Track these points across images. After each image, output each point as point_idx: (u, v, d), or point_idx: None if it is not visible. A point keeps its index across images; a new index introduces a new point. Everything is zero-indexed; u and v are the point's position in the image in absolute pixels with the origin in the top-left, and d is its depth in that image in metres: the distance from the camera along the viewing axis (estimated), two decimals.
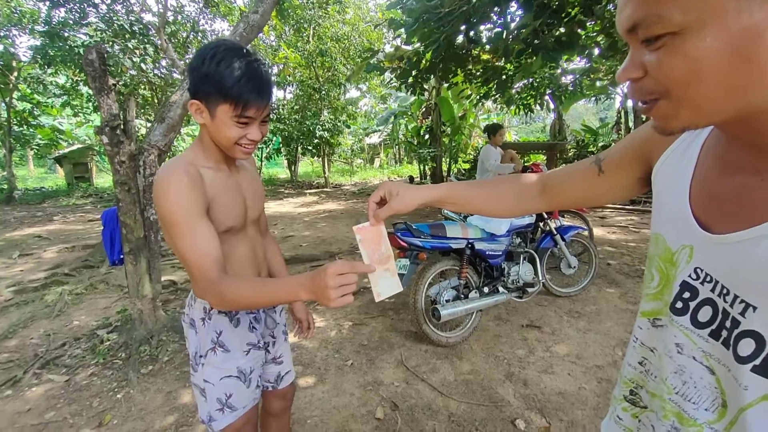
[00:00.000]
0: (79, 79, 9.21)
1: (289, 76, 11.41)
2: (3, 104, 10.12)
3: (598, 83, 8.10)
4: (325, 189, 12.39)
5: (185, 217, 0.88)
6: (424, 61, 4.42)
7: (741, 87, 0.36)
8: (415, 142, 11.85)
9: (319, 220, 7.34)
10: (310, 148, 12.21)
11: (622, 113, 10.81)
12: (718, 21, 0.34)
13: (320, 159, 13.44)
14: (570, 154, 9.51)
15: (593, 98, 9.30)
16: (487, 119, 13.69)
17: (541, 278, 2.92)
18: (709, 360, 0.47)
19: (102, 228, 2.67)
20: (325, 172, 13.20)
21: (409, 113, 12.99)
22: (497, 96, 7.20)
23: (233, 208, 1.02)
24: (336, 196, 10.72)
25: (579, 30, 3.54)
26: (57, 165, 15.34)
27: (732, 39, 0.34)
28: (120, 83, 7.88)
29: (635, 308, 3.04)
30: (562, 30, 3.53)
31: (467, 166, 10.87)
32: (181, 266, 4.49)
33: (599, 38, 4.17)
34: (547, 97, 7.96)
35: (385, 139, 18.71)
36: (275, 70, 12.00)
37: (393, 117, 14.56)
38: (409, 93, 6.01)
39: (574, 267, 3.20)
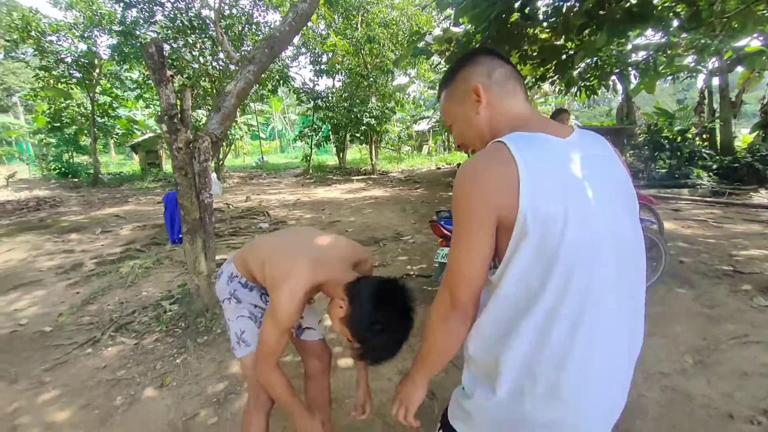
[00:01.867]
0: (149, 73, 10.03)
1: (338, 63, 11.50)
2: (88, 98, 11.32)
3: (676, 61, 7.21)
4: (372, 176, 12.47)
5: None
6: (474, 43, 4.20)
7: (477, 135, 0.86)
8: None
9: (366, 206, 7.40)
10: (357, 135, 12.31)
11: (706, 93, 9.56)
12: (459, 119, 0.89)
13: (368, 146, 13.52)
14: (640, 140, 8.62)
15: (669, 78, 8.30)
16: (543, 103, 12.86)
17: None
18: None
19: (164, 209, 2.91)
20: (372, 159, 13.27)
21: None
22: (555, 78, 6.67)
23: None
24: (382, 183, 10.75)
25: None
26: (133, 152, 16.99)
27: (465, 121, 0.87)
28: (183, 76, 8.44)
29: (712, 313, 2.70)
30: (633, 1, 3.14)
31: None
32: (236, 246, 4.77)
33: (678, 8, 3.66)
34: (614, 78, 7.24)
35: (434, 125, 18.34)
36: (324, 58, 12.17)
37: None
38: None
39: None
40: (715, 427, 1.72)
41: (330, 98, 12.30)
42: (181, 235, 2.78)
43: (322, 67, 12.02)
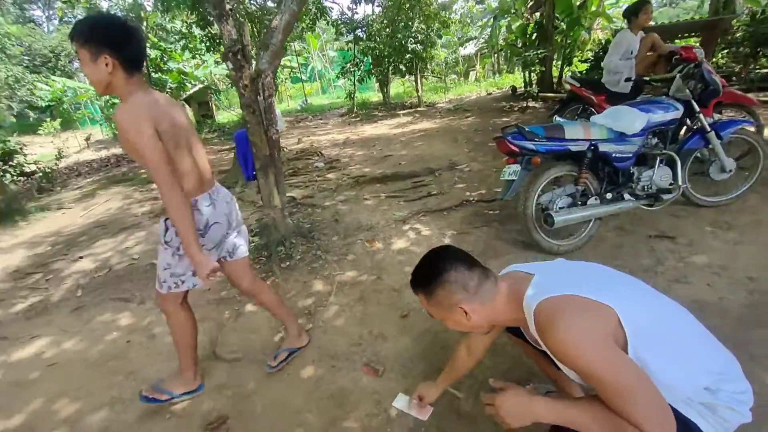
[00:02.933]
0: (192, 21, 10.00)
1: None
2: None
3: None
4: (418, 108, 12.00)
5: None
6: None
7: (474, 327, 1.07)
8: (520, 45, 10.37)
9: (415, 139, 7.27)
10: (401, 66, 11.65)
11: None
12: (449, 316, 1.04)
13: (412, 77, 12.83)
14: (738, 35, 7.24)
15: None
16: (615, 4, 11.09)
17: (681, 183, 2.49)
18: None
19: (235, 148, 3.07)
20: (418, 91, 12.66)
21: (513, 11, 11.19)
22: None
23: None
24: (430, 115, 10.34)
25: None
26: (186, 105, 17.73)
27: (454, 318, 1.03)
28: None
29: None
30: None
31: (584, 66, 9.18)
32: (297, 185, 5.03)
33: None
34: None
35: (482, 47, 16.74)
36: None
37: (492, 19, 12.75)
38: None
39: (730, 171, 2.61)
40: None
41: (371, 27, 11.58)
42: (255, 172, 2.98)
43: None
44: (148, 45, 11.71)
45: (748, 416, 0.87)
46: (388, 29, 11.19)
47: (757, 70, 7.06)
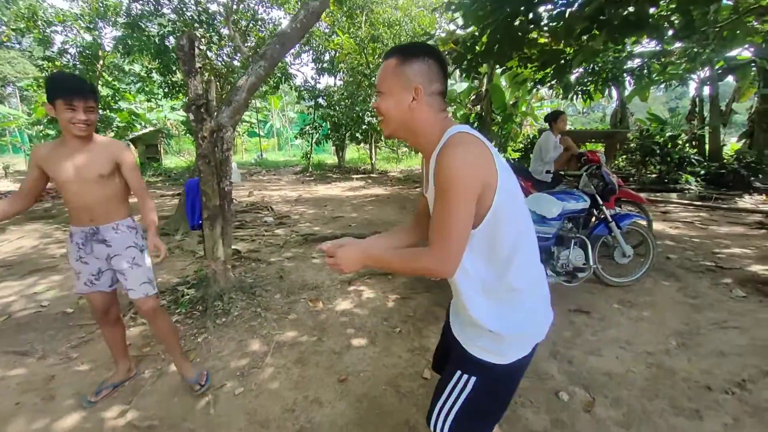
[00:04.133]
0: (152, 67, 10.06)
1: (343, 62, 11.63)
2: None
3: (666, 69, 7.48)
4: (371, 174, 12.63)
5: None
6: (480, 46, 4.38)
7: (399, 122, 0.99)
8: None
9: (366, 203, 7.57)
10: (358, 134, 12.45)
11: (697, 101, 9.87)
12: (392, 94, 0.98)
13: (367, 146, 13.67)
14: (632, 145, 8.89)
15: (661, 86, 8.59)
16: (540, 107, 13.12)
17: (592, 263, 2.89)
18: None
19: (183, 195, 3.03)
20: (371, 159, 13.43)
21: (458, 101, 12.77)
22: (554, 82, 6.89)
23: (63, 169, 1.73)
24: (382, 182, 10.91)
25: (651, 8, 3.33)
26: (132, 146, 16.94)
27: (395, 102, 0.98)
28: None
29: (696, 302, 2.92)
30: (631, 9, 3.35)
31: (517, 155, 10.55)
32: (244, 238, 4.91)
33: (673, 17, 3.89)
34: (610, 84, 7.50)
35: None
36: (326, 56, 12.29)
37: None
38: (463, 77, 5.94)
39: (629, 256, 3.11)
40: (695, 396, 1.92)
41: (331, 96, 12.43)
42: (200, 221, 2.92)
43: (324, 65, 12.14)
44: (100, 83, 11.48)
45: (537, 338, 1.05)
46: (347, 101, 12.09)
47: (647, 175, 8.61)
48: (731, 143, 11.79)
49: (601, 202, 3.01)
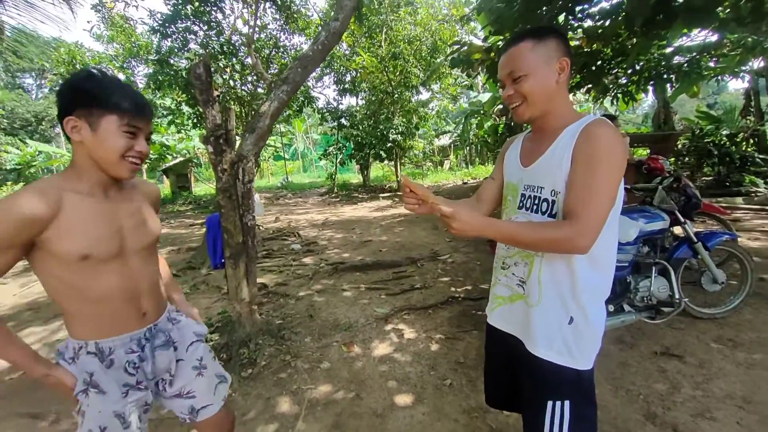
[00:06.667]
0: (182, 100, 10.38)
1: (365, 81, 11.58)
2: None
3: (712, 63, 6.82)
4: (398, 193, 12.34)
5: None
6: None
7: (544, 101, 0.99)
8: (491, 141, 11.24)
9: (395, 224, 7.24)
10: (382, 152, 12.28)
11: (751, 94, 8.98)
12: (536, 73, 0.96)
13: (391, 163, 13.45)
14: (681, 146, 8.13)
15: (709, 81, 7.86)
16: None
17: (678, 296, 2.38)
18: None
19: (205, 232, 2.82)
20: (397, 176, 13.17)
21: (482, 112, 12.38)
22: (590, 86, 6.41)
23: (96, 236, 0.97)
24: None
25: None
26: (164, 176, 17.57)
27: (541, 81, 0.97)
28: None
29: None
30: None
31: None
32: (271, 269, 4.67)
33: (741, 2, 3.39)
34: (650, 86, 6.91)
35: (455, 140, 18.16)
36: (348, 77, 12.31)
37: (464, 118, 14.02)
38: (487, 87, 5.61)
39: (723, 283, 2.57)
40: None
41: (354, 116, 12.37)
42: (223, 260, 2.68)
43: (346, 86, 12.14)
44: None
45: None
46: (371, 120, 11.97)
47: (703, 179, 7.82)
48: None
49: (683, 219, 2.52)
